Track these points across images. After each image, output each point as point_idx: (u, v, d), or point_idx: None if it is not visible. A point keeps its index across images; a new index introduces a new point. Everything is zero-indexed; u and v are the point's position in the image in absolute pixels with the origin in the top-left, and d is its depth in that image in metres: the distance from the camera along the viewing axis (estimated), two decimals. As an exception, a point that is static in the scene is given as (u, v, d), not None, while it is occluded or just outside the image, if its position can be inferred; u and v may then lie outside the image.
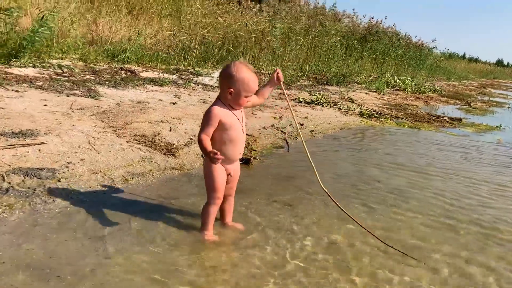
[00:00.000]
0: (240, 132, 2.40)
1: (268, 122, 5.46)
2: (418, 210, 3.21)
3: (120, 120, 4.32)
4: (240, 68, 2.30)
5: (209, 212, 2.44)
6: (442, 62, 22.22)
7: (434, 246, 2.64)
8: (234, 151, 2.42)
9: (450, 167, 4.58)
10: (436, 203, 3.40)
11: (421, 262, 2.41)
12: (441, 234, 2.83)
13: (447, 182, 4.02)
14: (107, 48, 7.62)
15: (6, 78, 5.03)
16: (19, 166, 2.89)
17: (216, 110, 2.32)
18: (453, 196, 3.60)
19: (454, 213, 3.22)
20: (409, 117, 7.85)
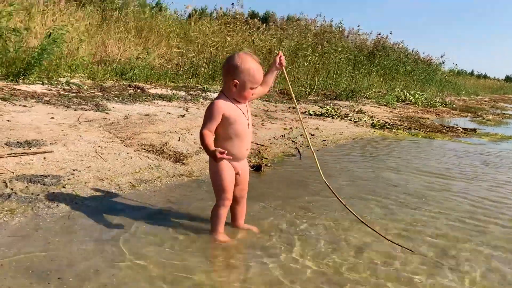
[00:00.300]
0: (246, 126, 2.27)
1: (278, 133, 5.34)
2: (439, 211, 3.04)
3: (128, 131, 4.23)
4: (245, 59, 2.19)
5: (218, 214, 2.29)
6: (451, 77, 22.07)
7: (460, 245, 2.46)
8: (240, 147, 2.27)
9: (469, 171, 4.40)
10: (458, 204, 3.23)
11: (441, 262, 2.24)
12: (466, 234, 2.65)
13: (467, 185, 3.85)
14: (115, 66, 7.62)
15: (14, 94, 5.00)
16: (23, 173, 2.79)
17: (219, 103, 2.19)
18: (475, 198, 3.42)
19: (477, 214, 3.04)
20: (422, 128, 7.69)
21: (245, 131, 2.26)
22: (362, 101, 10.64)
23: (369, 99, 11.34)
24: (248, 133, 2.30)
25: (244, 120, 2.26)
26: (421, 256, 2.28)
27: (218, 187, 2.28)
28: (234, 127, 2.21)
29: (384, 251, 2.31)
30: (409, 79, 15.93)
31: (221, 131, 2.22)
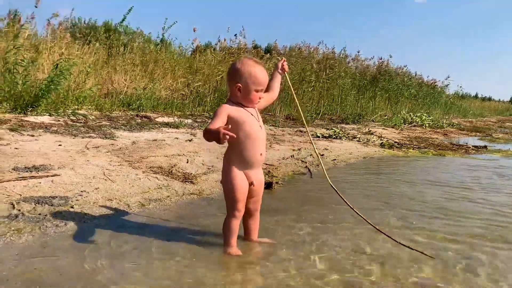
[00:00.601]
0: (257, 127, 2.18)
1: (287, 153, 5.28)
2: (459, 219, 2.92)
3: (136, 155, 4.19)
4: (245, 62, 2.16)
5: (229, 226, 2.20)
6: (456, 100, 22.06)
7: (484, 250, 2.35)
8: (253, 150, 2.17)
9: (486, 182, 4.29)
10: (479, 213, 3.11)
11: (467, 268, 2.13)
12: (489, 242, 2.53)
13: (486, 195, 3.73)
14: (122, 98, 7.68)
15: (21, 125, 5.01)
16: (31, 195, 2.74)
17: (225, 105, 2.15)
18: (496, 206, 3.30)
19: (501, 223, 2.92)
20: (431, 146, 7.59)
21: (257, 132, 2.18)
22: (368, 124, 10.59)
23: (376, 122, 11.30)
24: (261, 135, 2.21)
25: (255, 121, 2.19)
26: (443, 261, 2.17)
27: (230, 197, 2.20)
28: (244, 128, 2.13)
29: (406, 259, 2.20)
30: (414, 102, 15.93)
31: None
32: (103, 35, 10.76)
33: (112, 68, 9.15)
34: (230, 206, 2.20)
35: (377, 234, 2.48)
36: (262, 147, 2.23)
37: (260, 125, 2.22)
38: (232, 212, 2.20)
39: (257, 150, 2.19)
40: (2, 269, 1.81)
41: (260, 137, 2.20)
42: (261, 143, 2.22)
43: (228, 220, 2.21)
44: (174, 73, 10.15)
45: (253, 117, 2.19)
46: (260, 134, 2.21)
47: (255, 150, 2.18)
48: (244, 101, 2.17)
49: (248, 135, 2.15)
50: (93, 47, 9.20)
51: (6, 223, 2.30)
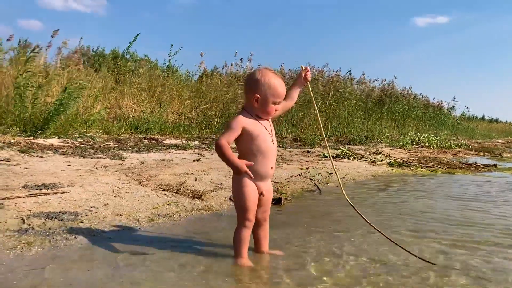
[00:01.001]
0: (270, 142, 2.17)
1: (295, 172, 5.26)
2: (473, 232, 2.88)
3: (144, 174, 4.19)
4: (266, 73, 2.15)
5: (240, 237, 2.17)
6: (463, 122, 22.01)
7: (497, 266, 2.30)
8: (265, 164, 2.16)
9: (499, 195, 4.23)
10: (494, 225, 3.06)
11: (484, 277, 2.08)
12: (503, 254, 2.48)
13: (499, 208, 3.68)
14: (130, 121, 7.75)
15: (31, 147, 5.05)
16: (40, 211, 2.74)
17: (240, 117, 2.13)
18: (509, 217, 3.25)
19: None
20: (440, 165, 7.54)
21: (269, 147, 2.17)
22: (376, 145, 10.56)
23: (383, 143, 11.27)
24: (272, 150, 2.19)
25: (268, 136, 2.17)
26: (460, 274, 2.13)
27: (240, 207, 2.18)
28: (256, 143, 2.13)
29: (419, 271, 2.16)
30: (421, 124, 15.92)
31: (243, 148, 2.15)
32: (111, 62, 10.97)
33: (119, 93, 9.28)
34: (241, 216, 2.18)
35: (388, 246, 2.45)
36: (273, 161, 2.22)
37: (273, 140, 2.20)
38: (242, 222, 2.17)
39: (268, 164, 2.18)
40: (13, 279, 1.80)
41: (272, 151, 2.19)
42: (272, 157, 2.20)
43: (239, 230, 2.19)
44: (181, 97, 10.26)
45: (267, 131, 2.17)
46: (272, 149, 2.19)
47: (267, 164, 2.17)
48: (261, 112, 2.16)
49: (260, 150, 2.14)
50: (101, 74, 9.37)
51: (17, 237, 2.30)
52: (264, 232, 2.34)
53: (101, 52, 12.82)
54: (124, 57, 11.48)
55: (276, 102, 2.15)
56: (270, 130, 2.21)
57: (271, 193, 2.32)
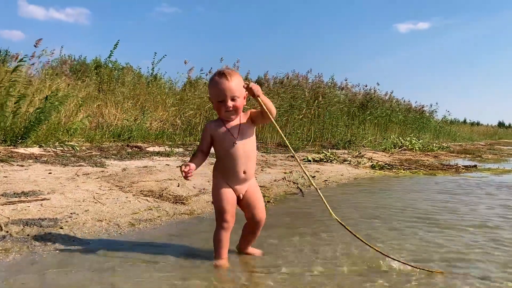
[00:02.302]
0: (231, 144, 2.13)
1: (278, 176, 5.29)
2: (450, 230, 2.93)
3: (126, 181, 4.18)
4: (212, 77, 2.16)
5: (218, 238, 2.19)
6: (445, 125, 22.34)
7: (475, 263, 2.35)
8: (233, 167, 2.15)
9: (479, 194, 4.32)
10: (471, 223, 3.13)
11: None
12: (479, 251, 2.54)
13: (478, 206, 3.75)
14: (113, 129, 7.71)
15: (11, 156, 5.00)
16: (19, 218, 2.71)
17: (207, 124, 2.22)
18: (490, 216, 3.32)
19: (495, 230, 2.93)
20: (422, 167, 7.65)
21: (232, 151, 2.14)
22: (359, 149, 10.67)
23: (366, 147, 11.39)
24: (238, 153, 2.14)
25: (230, 139, 2.14)
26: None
27: (217, 209, 2.21)
28: (220, 147, 2.17)
29: (394, 271, 2.20)
30: (403, 127, 16.12)
31: (215, 152, 2.23)
32: (93, 71, 10.91)
33: (102, 102, 9.23)
34: (218, 218, 2.20)
35: (365, 246, 2.48)
36: (245, 165, 2.18)
37: (235, 142, 2.14)
38: (219, 223, 2.18)
39: (238, 167, 2.16)
40: (-12, 285, 1.78)
41: (237, 154, 2.15)
42: (241, 160, 2.16)
43: (216, 231, 2.20)
44: (164, 105, 10.24)
45: (229, 133, 2.14)
46: (238, 152, 2.15)
47: (236, 167, 2.16)
48: (219, 114, 2.17)
49: (225, 153, 2.16)
50: (83, 83, 9.31)
51: (-7, 244, 2.27)
52: (246, 233, 2.34)
53: (83, 62, 12.76)
54: (107, 66, 11.44)
55: (219, 100, 2.09)
56: (234, 132, 2.15)
57: (254, 195, 2.27)
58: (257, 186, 2.32)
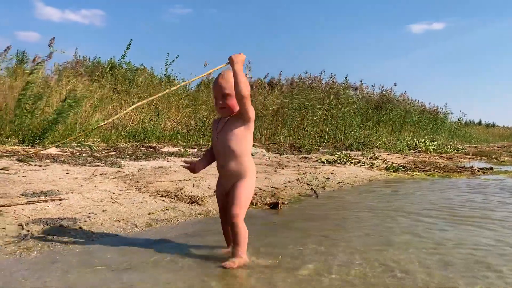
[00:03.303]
0: (214, 139, 2.29)
1: (292, 177, 5.29)
2: (470, 227, 2.91)
3: (142, 181, 4.22)
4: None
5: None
6: (460, 126, 22.09)
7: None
8: (217, 160, 2.32)
9: (496, 192, 4.27)
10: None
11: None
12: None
13: (493, 208, 3.72)
14: (128, 130, 7.79)
15: (29, 156, 5.08)
16: (39, 217, 2.77)
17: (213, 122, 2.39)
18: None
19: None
20: (437, 169, 7.59)
21: (214, 145, 2.30)
22: (373, 151, 10.61)
23: (380, 149, 11.32)
24: (217, 147, 2.25)
25: (214, 134, 2.29)
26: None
27: None
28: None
29: (410, 270, 2.19)
30: (417, 129, 15.99)
31: None
32: (108, 72, 11.03)
33: (117, 102, 9.33)
34: None
35: (382, 245, 2.48)
36: (222, 160, 2.24)
37: (216, 137, 2.25)
38: None
39: (218, 161, 2.29)
40: (13, 282, 1.83)
41: (217, 149, 2.25)
42: (219, 155, 2.25)
43: None
44: (178, 106, 10.32)
45: (215, 128, 2.29)
46: (217, 146, 2.25)
47: (218, 161, 2.29)
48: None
49: (213, 147, 2.32)
50: (98, 84, 9.42)
51: (16, 242, 2.32)
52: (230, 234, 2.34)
53: (98, 62, 12.90)
54: (121, 67, 11.55)
55: (215, 96, 2.22)
56: (219, 127, 2.25)
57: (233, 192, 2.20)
58: (243, 186, 2.19)
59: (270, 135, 10.40)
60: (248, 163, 2.22)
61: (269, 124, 10.45)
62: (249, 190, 2.22)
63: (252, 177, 2.25)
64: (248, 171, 2.22)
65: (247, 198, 2.20)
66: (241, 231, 2.16)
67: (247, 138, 2.21)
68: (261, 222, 3.15)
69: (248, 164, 2.22)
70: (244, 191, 2.19)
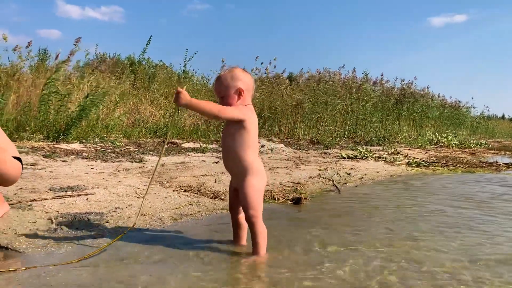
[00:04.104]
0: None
1: (313, 173, 5.27)
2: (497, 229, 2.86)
3: (165, 176, 4.27)
4: None
5: None
6: (482, 121, 21.65)
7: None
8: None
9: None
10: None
11: None
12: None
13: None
14: (149, 126, 7.88)
15: (54, 152, 5.18)
16: (67, 212, 2.82)
17: None
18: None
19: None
20: (460, 164, 7.46)
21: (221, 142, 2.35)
22: (394, 146, 10.49)
23: (401, 144, 11.19)
24: (223, 146, 2.32)
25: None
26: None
27: None
28: None
29: (443, 264, 2.16)
30: (439, 123, 15.74)
31: None
32: (128, 69, 11.14)
33: (138, 99, 9.43)
34: None
35: (411, 241, 2.46)
36: (224, 157, 2.32)
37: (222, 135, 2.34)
38: None
39: (223, 159, 2.34)
40: (46, 275, 1.87)
41: (222, 146, 2.32)
42: (223, 153, 2.32)
43: None
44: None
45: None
46: (222, 144, 2.33)
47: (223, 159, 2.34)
48: None
49: None
50: (119, 80, 9.53)
51: (46, 236, 2.37)
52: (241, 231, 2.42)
53: (118, 59, 13.03)
54: (140, 63, 11.66)
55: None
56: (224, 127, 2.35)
57: (241, 191, 2.23)
58: (249, 186, 2.19)
59: (289, 130, 10.38)
60: (249, 161, 2.20)
61: (288, 119, 10.43)
62: (257, 188, 2.20)
63: (257, 174, 2.22)
64: (250, 169, 2.20)
65: (258, 197, 2.20)
66: (260, 230, 2.20)
67: (243, 137, 2.19)
68: (285, 218, 3.15)
69: (249, 163, 2.20)
70: (251, 190, 2.18)
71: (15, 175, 2.57)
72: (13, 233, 2.35)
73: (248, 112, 2.22)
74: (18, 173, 2.59)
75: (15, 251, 2.16)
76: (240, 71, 2.27)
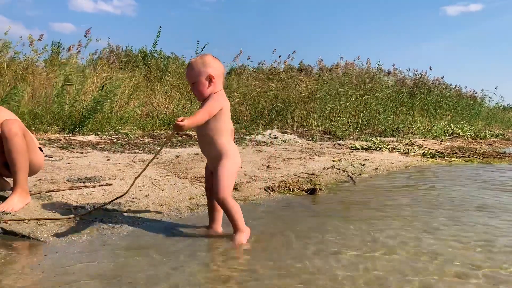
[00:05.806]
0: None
1: (327, 164, 5.26)
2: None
3: (180, 167, 4.30)
4: None
5: None
6: (498, 111, 21.32)
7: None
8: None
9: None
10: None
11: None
12: None
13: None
14: (162, 117, 7.92)
15: (71, 143, 5.25)
16: (86, 202, 2.86)
17: None
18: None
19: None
20: (476, 155, 7.37)
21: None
22: (408, 136, 10.41)
23: (415, 135, 11.09)
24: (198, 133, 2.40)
25: None
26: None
27: None
28: None
29: (461, 255, 2.16)
30: (454, 114, 15.53)
31: None
32: (141, 61, 11.19)
33: (151, 91, 9.47)
34: None
35: (427, 234, 2.45)
36: (201, 143, 2.40)
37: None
38: None
39: (199, 144, 2.44)
40: (67, 264, 1.91)
41: (197, 133, 2.42)
42: (199, 139, 2.41)
43: None
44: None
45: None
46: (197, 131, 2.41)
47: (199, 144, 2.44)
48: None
49: None
50: (132, 72, 9.58)
51: (66, 225, 2.42)
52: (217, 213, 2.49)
53: (130, 51, 13.07)
54: (153, 56, 11.69)
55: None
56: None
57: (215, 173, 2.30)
58: (223, 167, 2.27)
59: (302, 121, 10.34)
60: (223, 145, 2.29)
61: (301, 111, 10.39)
62: (230, 170, 2.28)
63: (231, 157, 2.30)
64: (224, 153, 2.29)
65: (229, 178, 2.28)
66: (232, 207, 2.27)
67: (217, 122, 2.26)
68: (300, 209, 3.16)
69: (223, 147, 2.29)
70: (225, 171, 2.26)
71: (39, 164, 2.72)
72: (34, 223, 2.40)
73: (223, 100, 2.30)
74: (42, 162, 2.74)
75: (37, 240, 2.21)
76: (211, 58, 2.33)
